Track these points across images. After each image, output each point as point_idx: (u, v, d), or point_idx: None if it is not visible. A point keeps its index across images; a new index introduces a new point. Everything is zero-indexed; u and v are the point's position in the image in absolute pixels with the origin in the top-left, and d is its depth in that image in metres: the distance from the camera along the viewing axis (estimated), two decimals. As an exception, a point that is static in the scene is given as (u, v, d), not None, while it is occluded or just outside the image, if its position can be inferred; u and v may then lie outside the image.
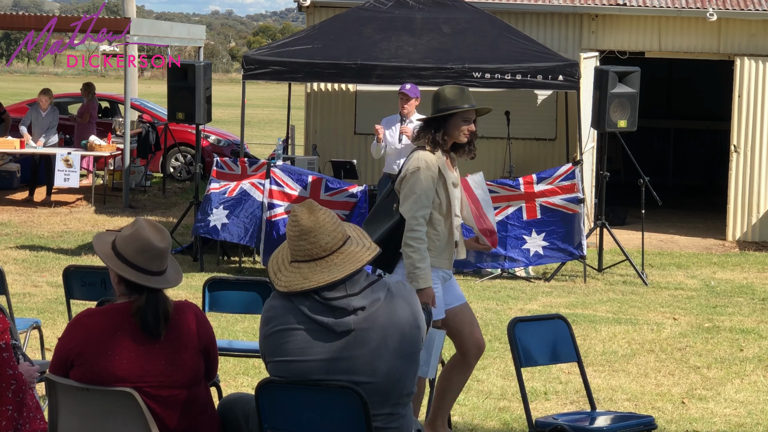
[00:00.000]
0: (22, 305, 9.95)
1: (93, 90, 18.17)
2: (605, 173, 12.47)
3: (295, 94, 16.41)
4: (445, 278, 5.99)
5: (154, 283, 4.07)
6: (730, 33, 14.96)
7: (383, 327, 3.79)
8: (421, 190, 5.82)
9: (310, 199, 4.10)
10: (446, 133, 5.97)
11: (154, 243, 4.07)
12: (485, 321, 10.01)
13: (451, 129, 5.98)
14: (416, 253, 5.75)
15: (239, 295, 6.96)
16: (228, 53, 78.10)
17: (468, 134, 6.05)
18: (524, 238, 11.82)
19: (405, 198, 5.86)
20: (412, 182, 5.85)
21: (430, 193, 5.84)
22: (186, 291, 10.65)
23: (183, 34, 20.16)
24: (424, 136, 5.98)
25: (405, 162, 6.01)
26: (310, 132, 15.30)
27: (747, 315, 10.45)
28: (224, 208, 11.88)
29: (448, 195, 5.92)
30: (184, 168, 20.31)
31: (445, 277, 5.99)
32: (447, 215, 5.94)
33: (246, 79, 12.58)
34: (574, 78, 12.16)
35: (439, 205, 5.90)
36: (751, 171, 14.75)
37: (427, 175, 5.84)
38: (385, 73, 12.18)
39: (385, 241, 5.86)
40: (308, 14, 15.21)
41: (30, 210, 16.17)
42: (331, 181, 12.00)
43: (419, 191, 5.81)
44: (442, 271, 5.94)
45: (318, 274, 3.77)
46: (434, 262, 5.86)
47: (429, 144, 5.94)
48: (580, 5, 14.89)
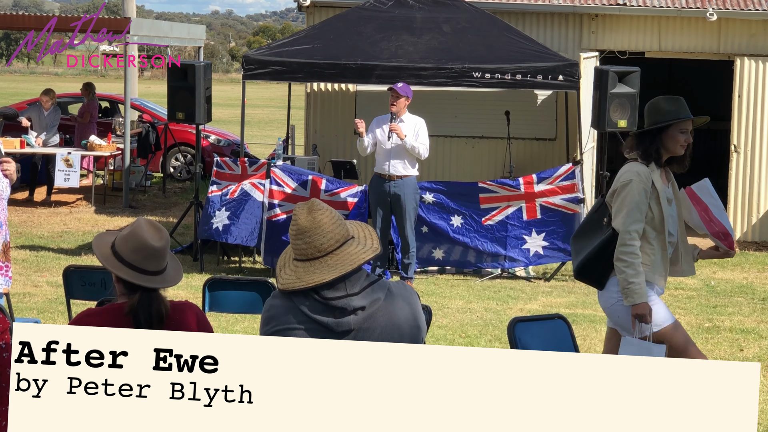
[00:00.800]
0: (22, 305, 9.96)
1: (93, 90, 18.17)
2: (605, 173, 12.47)
3: (295, 94, 16.41)
4: (659, 294, 5.85)
5: (149, 283, 4.07)
6: (730, 33, 14.96)
7: (383, 327, 3.79)
8: (633, 203, 5.68)
9: (314, 198, 4.08)
10: (662, 146, 5.80)
11: (149, 242, 4.07)
12: (485, 321, 10.02)
13: (667, 141, 5.80)
14: (630, 268, 5.63)
15: (239, 295, 6.97)
16: (228, 53, 78.08)
17: (685, 146, 5.84)
18: (524, 238, 11.82)
19: (617, 212, 5.73)
20: (623, 195, 5.71)
21: (643, 206, 5.70)
22: (186, 291, 10.65)
23: (183, 34, 20.16)
24: (638, 148, 5.82)
25: (617, 176, 5.86)
26: (310, 132, 15.30)
27: (747, 315, 10.45)
28: (226, 210, 11.89)
29: (661, 209, 5.77)
30: (184, 168, 20.30)
31: (659, 292, 5.85)
32: (660, 230, 5.79)
33: (246, 79, 12.58)
34: (574, 78, 12.16)
35: (652, 219, 5.77)
36: (751, 171, 14.74)
37: (639, 187, 5.70)
38: (385, 73, 12.18)
39: (597, 256, 5.75)
40: (308, 14, 15.21)
41: (30, 210, 16.17)
42: (331, 181, 12.01)
43: (631, 204, 5.68)
44: (656, 286, 5.80)
45: (311, 274, 3.77)
46: (648, 277, 5.73)
47: (642, 157, 5.78)
48: (580, 5, 14.89)
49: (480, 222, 11.85)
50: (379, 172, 11.32)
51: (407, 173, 11.25)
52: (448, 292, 11.25)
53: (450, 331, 9.59)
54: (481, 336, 9.44)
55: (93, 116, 17.90)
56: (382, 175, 11.28)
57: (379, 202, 11.30)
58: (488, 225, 11.85)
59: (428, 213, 11.81)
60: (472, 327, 9.76)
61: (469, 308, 10.55)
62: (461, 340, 9.29)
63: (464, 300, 10.89)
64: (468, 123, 14.99)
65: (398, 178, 11.22)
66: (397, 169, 11.21)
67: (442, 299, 10.88)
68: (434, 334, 9.22)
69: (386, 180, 11.24)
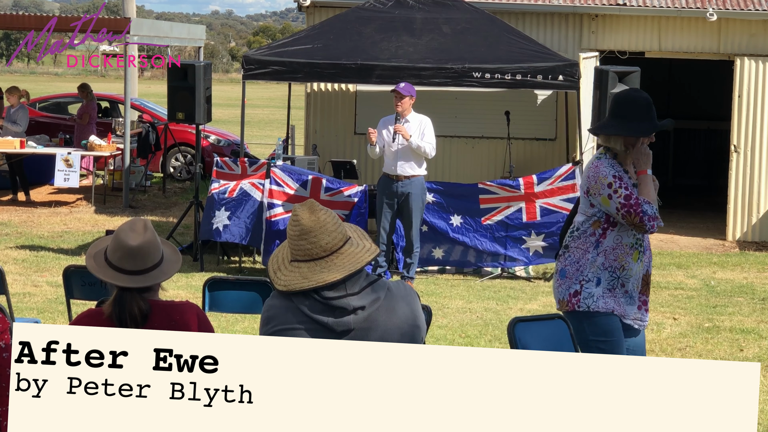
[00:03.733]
0: (22, 305, 9.96)
1: (89, 90, 18.15)
2: (605, 173, 12.47)
3: (295, 94, 16.41)
4: None
5: (123, 282, 4.07)
6: (730, 33, 14.96)
7: (383, 327, 3.79)
8: None
9: (312, 198, 4.09)
10: None
11: (125, 242, 4.08)
12: (485, 321, 10.02)
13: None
14: None
15: (239, 295, 6.96)
16: (228, 53, 78.11)
17: None
18: (524, 239, 11.83)
19: None
20: None
21: None
22: (186, 291, 10.66)
23: (183, 34, 20.17)
24: None
25: None
26: (310, 132, 15.31)
27: (747, 315, 10.45)
28: (226, 210, 11.89)
29: None
30: (184, 168, 20.31)
31: None
32: None
33: (246, 79, 12.58)
34: (574, 78, 12.16)
35: None
36: (751, 171, 14.75)
37: None
38: (385, 73, 12.18)
39: None
40: (308, 14, 15.22)
41: (30, 210, 16.18)
42: (331, 181, 12.01)
43: None
44: None
45: (317, 273, 3.77)
46: None
47: None
48: (580, 5, 14.89)
49: (479, 222, 11.85)
50: (387, 172, 11.34)
51: (415, 173, 11.27)
52: (448, 292, 11.25)
53: (450, 331, 9.59)
54: (481, 336, 9.44)
55: (92, 117, 17.90)
56: (391, 175, 11.29)
57: (388, 202, 11.30)
58: (487, 225, 11.85)
59: (428, 212, 11.81)
60: (472, 327, 9.76)
61: (469, 308, 10.55)
62: (461, 340, 9.29)
63: (464, 300, 10.89)
64: (468, 123, 14.99)
65: (406, 179, 11.24)
66: (404, 169, 11.23)
67: (442, 299, 10.89)
68: (434, 334, 9.22)
69: (394, 180, 11.26)
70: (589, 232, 5.72)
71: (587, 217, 5.75)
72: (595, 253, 5.69)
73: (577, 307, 5.69)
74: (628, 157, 5.72)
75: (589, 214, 5.74)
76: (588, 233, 5.73)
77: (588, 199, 5.73)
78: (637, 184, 5.69)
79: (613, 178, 5.61)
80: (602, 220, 5.70)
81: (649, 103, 5.74)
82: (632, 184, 5.68)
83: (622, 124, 5.67)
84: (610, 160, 5.70)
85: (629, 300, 5.72)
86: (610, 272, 5.68)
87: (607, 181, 5.61)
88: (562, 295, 5.77)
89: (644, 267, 5.78)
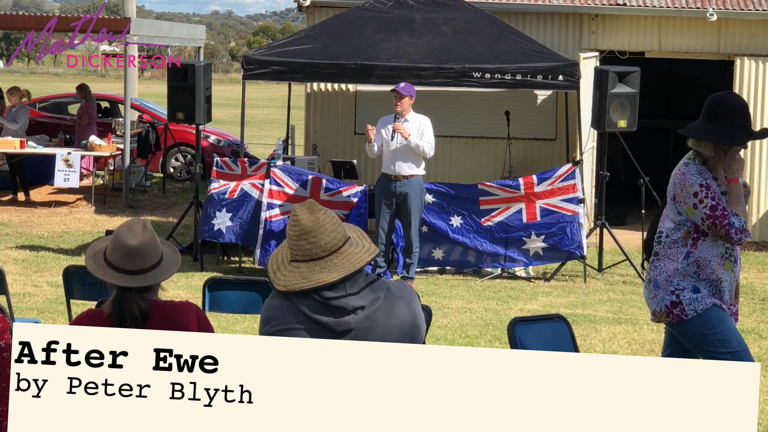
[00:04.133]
0: (22, 305, 9.96)
1: (88, 90, 18.14)
2: (605, 173, 12.48)
3: (295, 94, 16.41)
4: None
5: (122, 281, 4.08)
6: (730, 33, 14.96)
7: (383, 326, 3.79)
8: None
9: (311, 199, 4.09)
10: None
11: (124, 241, 4.09)
12: (485, 321, 10.02)
13: None
14: None
15: (239, 295, 6.96)
16: (228, 53, 78.10)
17: None
18: (524, 240, 11.82)
19: None
20: None
21: None
22: (186, 291, 10.66)
23: (183, 34, 20.17)
24: None
25: None
26: (310, 132, 15.30)
27: (747, 315, 10.45)
28: (227, 211, 11.89)
29: None
30: (184, 168, 20.31)
31: None
32: None
33: (246, 79, 12.58)
34: (574, 78, 12.16)
35: None
36: (751, 171, 14.75)
37: None
38: (385, 73, 12.18)
39: None
40: (308, 14, 15.21)
41: (30, 210, 16.18)
42: (331, 181, 12.01)
43: None
44: None
45: (317, 273, 3.77)
46: None
47: None
48: (580, 5, 14.89)
49: (479, 223, 11.85)
50: (386, 172, 11.33)
51: (413, 173, 11.26)
52: (448, 292, 11.25)
53: (450, 331, 9.59)
54: (481, 336, 9.44)
55: (92, 117, 17.91)
56: (389, 175, 11.29)
57: (386, 203, 11.30)
58: (487, 226, 11.85)
59: (428, 213, 11.81)
60: (472, 327, 9.76)
61: (469, 308, 10.55)
62: (461, 340, 9.29)
63: (464, 300, 10.89)
64: (468, 123, 14.99)
65: (405, 179, 11.23)
66: (403, 169, 11.22)
67: (442, 299, 10.88)
68: (434, 334, 9.22)
69: (393, 180, 11.25)
70: (681, 243, 5.58)
71: (676, 225, 5.61)
72: (686, 263, 5.55)
73: (684, 316, 5.53)
74: (718, 163, 5.54)
75: (677, 221, 5.60)
76: (679, 243, 5.58)
77: (675, 206, 5.60)
78: (726, 192, 5.54)
79: (699, 187, 5.46)
80: (692, 230, 5.56)
81: (745, 110, 5.57)
82: (721, 192, 5.52)
83: (715, 130, 5.50)
84: (699, 167, 5.53)
85: None
86: (707, 283, 5.55)
87: (693, 190, 5.47)
88: (658, 306, 5.62)
89: (735, 277, 5.66)
